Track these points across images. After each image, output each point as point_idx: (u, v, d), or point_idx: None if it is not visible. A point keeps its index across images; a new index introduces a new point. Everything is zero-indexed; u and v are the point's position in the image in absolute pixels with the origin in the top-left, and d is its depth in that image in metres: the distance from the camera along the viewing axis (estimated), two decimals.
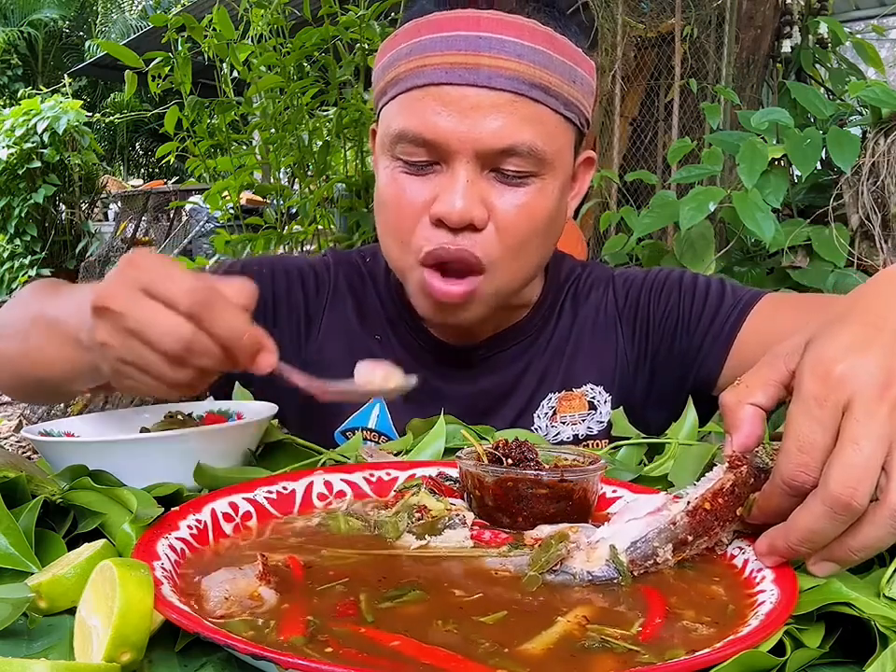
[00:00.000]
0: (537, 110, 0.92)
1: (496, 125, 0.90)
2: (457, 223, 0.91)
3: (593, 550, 0.59)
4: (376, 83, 1.01)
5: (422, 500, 0.68)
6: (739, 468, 0.59)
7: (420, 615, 0.51)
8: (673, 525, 0.58)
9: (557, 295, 1.12)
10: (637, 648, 0.47)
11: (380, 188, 0.99)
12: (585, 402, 1.08)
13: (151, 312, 0.65)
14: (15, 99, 9.95)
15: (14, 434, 4.11)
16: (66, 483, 0.68)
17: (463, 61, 0.90)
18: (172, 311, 0.64)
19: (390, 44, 0.98)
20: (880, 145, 2.43)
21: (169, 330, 0.64)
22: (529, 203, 0.94)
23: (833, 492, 0.51)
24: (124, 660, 0.44)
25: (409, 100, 0.93)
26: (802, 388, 0.54)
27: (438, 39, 0.91)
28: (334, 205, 3.30)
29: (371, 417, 1.08)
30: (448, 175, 0.92)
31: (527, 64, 0.90)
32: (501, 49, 0.90)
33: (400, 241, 0.97)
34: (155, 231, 8.90)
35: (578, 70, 0.95)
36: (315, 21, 2.81)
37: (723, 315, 1.03)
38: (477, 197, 0.92)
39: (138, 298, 0.65)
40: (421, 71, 0.92)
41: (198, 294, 0.64)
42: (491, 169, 0.93)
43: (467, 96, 0.90)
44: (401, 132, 0.93)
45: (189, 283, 0.65)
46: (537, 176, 0.94)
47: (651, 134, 3.29)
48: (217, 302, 0.66)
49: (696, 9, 3.09)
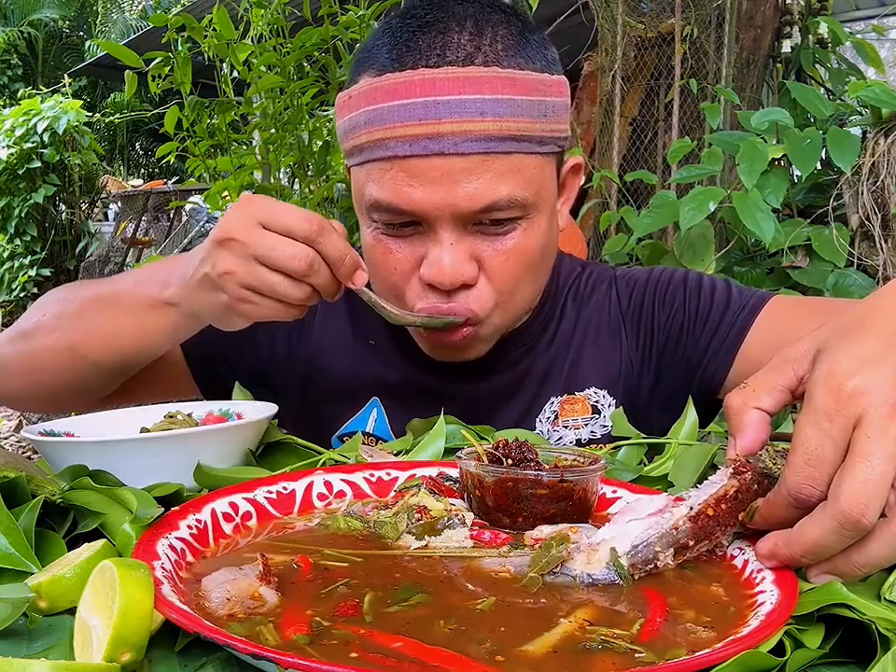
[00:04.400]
0: (510, 161, 0.89)
1: (470, 189, 0.87)
2: (449, 286, 0.91)
3: (593, 552, 0.59)
4: (340, 138, 0.98)
5: (422, 501, 0.68)
6: (743, 474, 0.59)
7: (421, 616, 0.51)
8: (675, 530, 0.58)
9: (557, 297, 1.11)
10: (638, 648, 0.47)
11: (366, 245, 0.98)
12: (588, 406, 1.06)
13: (274, 239, 0.80)
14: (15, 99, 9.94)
15: (14, 434, 4.11)
16: (66, 482, 0.68)
17: (425, 132, 0.86)
18: (291, 239, 0.80)
19: (347, 105, 0.94)
20: (880, 145, 2.43)
21: (295, 253, 0.80)
22: (518, 247, 0.93)
23: (843, 508, 0.50)
24: (124, 660, 0.44)
25: (377, 171, 0.90)
26: (812, 400, 0.54)
27: (396, 108, 0.87)
28: (334, 205, 3.29)
29: (369, 421, 1.08)
30: (431, 238, 0.91)
31: (492, 120, 0.86)
32: (463, 111, 0.86)
33: (394, 296, 0.96)
34: (155, 231, 8.89)
35: (547, 101, 0.91)
36: (315, 21, 2.81)
37: (730, 318, 1.02)
38: (464, 255, 0.90)
39: (259, 229, 0.81)
40: (383, 143, 0.88)
41: (312, 223, 0.80)
42: (474, 222, 0.91)
43: (435, 166, 0.87)
44: (375, 202, 0.91)
45: (301, 214, 0.81)
46: (522, 219, 0.92)
47: (650, 134, 3.29)
48: (327, 228, 0.81)
49: (696, 9, 3.09)
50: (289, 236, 0.80)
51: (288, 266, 0.80)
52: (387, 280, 0.95)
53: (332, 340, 1.11)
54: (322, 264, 0.82)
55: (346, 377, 1.10)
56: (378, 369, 1.09)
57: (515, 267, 0.93)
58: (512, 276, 0.94)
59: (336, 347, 1.11)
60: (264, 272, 0.80)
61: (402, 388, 1.08)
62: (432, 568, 0.59)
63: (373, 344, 1.10)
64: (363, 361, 1.10)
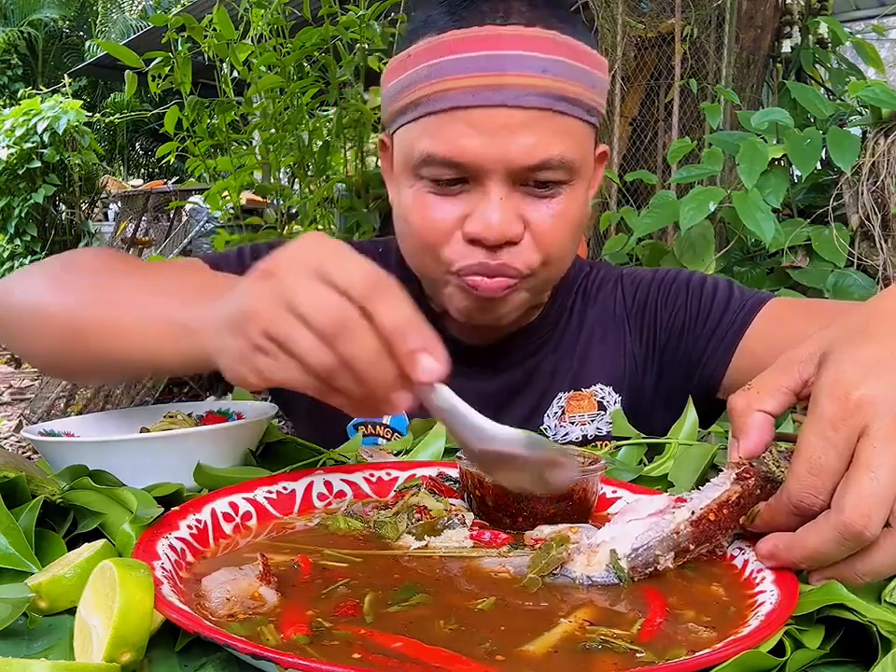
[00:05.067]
0: (564, 122, 0.92)
1: (527, 143, 0.89)
2: (495, 241, 0.91)
3: (593, 553, 0.59)
4: (389, 101, 0.98)
5: (422, 501, 0.68)
6: (747, 480, 0.59)
7: (421, 616, 0.51)
8: (677, 534, 0.58)
9: (567, 295, 1.13)
10: (638, 648, 0.47)
11: (404, 207, 0.97)
12: (594, 403, 1.08)
13: (317, 289, 0.56)
14: (15, 99, 9.95)
15: (14, 434, 4.11)
16: (66, 482, 0.68)
17: (488, 82, 0.88)
18: (336, 293, 0.56)
19: (403, 63, 0.95)
20: (880, 145, 2.43)
21: (325, 304, 0.56)
22: (563, 212, 0.94)
23: (846, 519, 0.50)
24: (124, 660, 0.44)
25: (434, 123, 0.91)
26: (817, 409, 0.54)
27: (460, 60, 0.89)
28: (334, 205, 3.29)
29: None
30: (480, 193, 0.91)
31: (552, 78, 0.90)
32: (526, 66, 0.89)
33: (430, 256, 0.96)
34: (155, 231, 8.89)
35: (596, 74, 0.95)
36: (315, 21, 2.81)
37: (729, 318, 1.03)
38: (512, 213, 0.91)
39: (308, 276, 0.57)
40: (445, 95, 0.90)
41: (370, 279, 0.56)
42: (522, 183, 0.92)
43: (495, 117, 0.89)
44: (429, 155, 0.91)
45: (365, 266, 0.57)
46: (567, 184, 0.94)
47: (651, 134, 3.29)
48: (390, 290, 0.57)
49: (696, 9, 3.09)
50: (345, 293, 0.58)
51: (311, 317, 0.56)
52: (426, 239, 0.95)
53: None
54: (364, 330, 0.56)
55: None
56: None
57: (560, 231, 0.95)
58: (556, 239, 0.95)
59: None
60: (290, 320, 0.57)
61: None
62: (432, 568, 0.59)
63: None
64: None
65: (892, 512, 0.51)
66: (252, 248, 1.13)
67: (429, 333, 0.57)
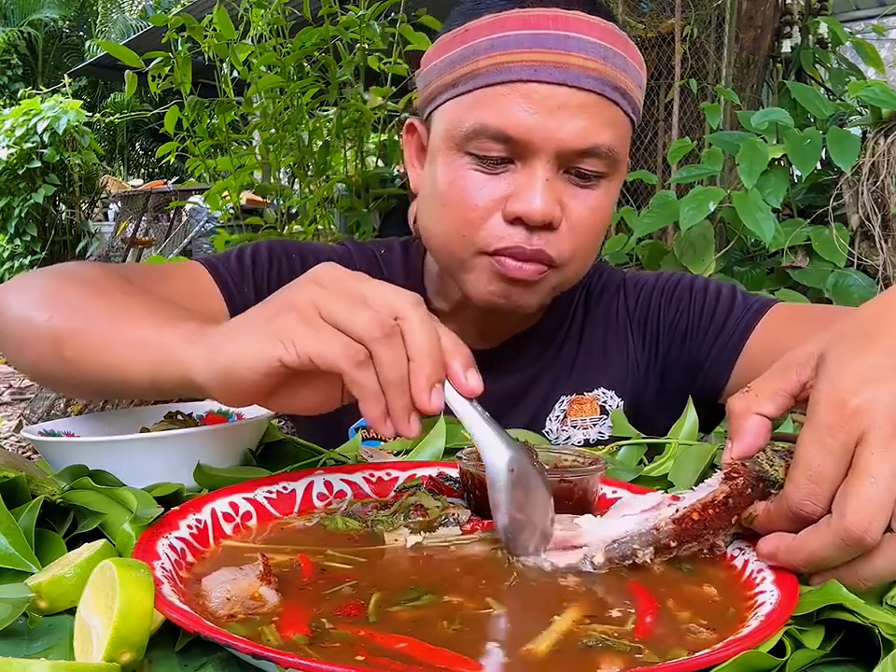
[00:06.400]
0: (614, 113, 0.93)
1: (580, 125, 0.90)
2: (539, 222, 0.91)
3: (574, 541, 0.59)
4: (436, 75, 0.97)
5: (419, 500, 0.68)
6: (735, 480, 0.59)
7: (421, 617, 0.51)
8: (657, 530, 0.58)
9: (570, 299, 1.12)
10: (639, 647, 0.47)
11: (441, 183, 0.96)
12: (597, 407, 1.07)
13: (359, 310, 0.57)
14: (15, 99, 9.95)
15: (14, 434, 4.11)
16: (66, 482, 0.68)
17: (553, 59, 0.89)
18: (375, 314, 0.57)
19: (459, 37, 0.94)
20: (880, 145, 2.43)
21: (368, 322, 0.57)
22: (599, 205, 0.95)
23: (847, 525, 0.50)
24: (124, 660, 0.44)
25: (491, 95, 0.91)
26: (815, 415, 0.53)
27: (525, 36, 0.90)
28: (334, 205, 3.29)
29: None
30: (525, 173, 0.91)
31: (611, 67, 0.91)
32: (589, 50, 0.90)
33: (463, 235, 0.95)
34: (155, 231, 8.89)
35: (642, 74, 0.97)
36: (315, 21, 2.81)
37: (732, 324, 1.03)
38: (554, 196, 0.91)
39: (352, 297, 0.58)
40: (506, 66, 0.90)
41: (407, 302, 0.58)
42: (565, 170, 0.92)
43: (555, 95, 0.89)
44: (481, 127, 0.91)
45: (401, 292, 0.59)
46: (606, 178, 0.94)
47: (651, 134, 3.29)
48: (414, 315, 0.58)
49: (696, 9, 3.09)
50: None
51: (356, 327, 0.57)
52: (465, 217, 0.94)
53: None
54: (399, 349, 0.57)
55: None
56: None
57: (593, 223, 0.95)
58: (591, 230, 0.96)
59: None
60: (347, 302, 0.59)
61: None
62: (429, 567, 0.59)
63: None
64: None
65: (893, 517, 0.51)
66: (252, 248, 1.12)
67: (464, 351, 0.59)
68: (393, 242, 1.18)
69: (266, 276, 1.08)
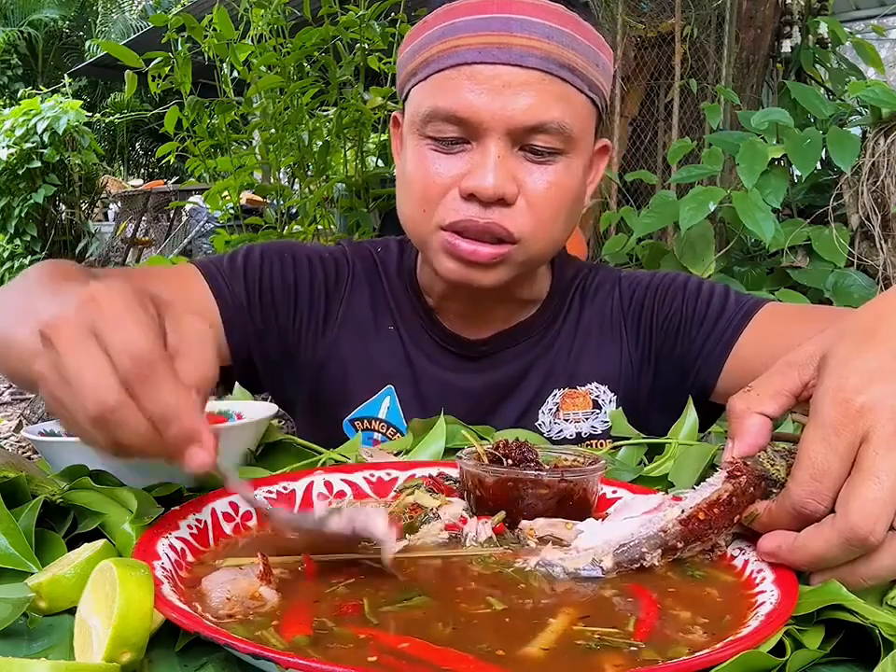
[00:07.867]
0: (565, 89, 0.95)
1: (527, 102, 0.92)
2: (491, 197, 0.93)
3: (582, 546, 0.59)
4: (403, 66, 1.03)
5: (417, 499, 0.68)
6: (738, 478, 0.59)
7: (419, 619, 0.51)
8: (664, 532, 0.58)
9: (565, 294, 1.14)
10: (639, 646, 0.47)
11: (409, 165, 1.00)
12: (590, 401, 1.08)
13: (88, 362, 0.51)
14: (15, 99, 9.95)
15: (14, 434, 4.11)
16: (66, 483, 0.68)
17: (496, 41, 0.93)
18: (109, 369, 0.51)
19: (420, 28, 1.00)
20: (880, 145, 2.43)
21: (93, 393, 0.51)
22: (558, 181, 0.96)
23: (851, 525, 0.50)
24: (124, 660, 0.44)
25: (441, 79, 0.95)
26: (819, 415, 0.53)
27: (471, 21, 0.94)
28: (334, 205, 3.29)
29: (382, 408, 1.09)
30: (479, 152, 0.94)
31: (556, 45, 0.93)
32: (532, 30, 0.93)
33: (422, 211, 0.98)
34: (155, 231, 8.90)
35: (600, 55, 0.99)
36: (315, 21, 2.81)
37: (724, 323, 1.03)
38: (508, 173, 0.94)
39: (84, 341, 0.52)
40: (454, 51, 0.94)
41: (141, 360, 0.51)
42: (520, 147, 0.95)
43: (499, 74, 0.92)
44: (434, 110, 0.95)
45: (139, 342, 0.52)
46: (563, 154, 0.96)
47: (650, 134, 3.29)
48: (158, 374, 0.52)
49: (696, 9, 3.09)
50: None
51: (83, 401, 0.52)
52: (424, 193, 0.97)
53: (355, 323, 1.12)
54: (136, 419, 0.52)
55: (363, 362, 1.11)
56: (394, 356, 1.11)
57: (553, 198, 0.97)
58: (550, 207, 0.97)
59: (357, 331, 1.12)
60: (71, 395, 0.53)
61: (415, 377, 1.10)
62: (416, 570, 0.59)
63: (392, 330, 1.12)
64: (381, 348, 1.12)
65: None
66: (245, 250, 1.13)
67: (194, 419, 0.53)
68: (390, 241, 1.19)
69: (258, 276, 1.09)
